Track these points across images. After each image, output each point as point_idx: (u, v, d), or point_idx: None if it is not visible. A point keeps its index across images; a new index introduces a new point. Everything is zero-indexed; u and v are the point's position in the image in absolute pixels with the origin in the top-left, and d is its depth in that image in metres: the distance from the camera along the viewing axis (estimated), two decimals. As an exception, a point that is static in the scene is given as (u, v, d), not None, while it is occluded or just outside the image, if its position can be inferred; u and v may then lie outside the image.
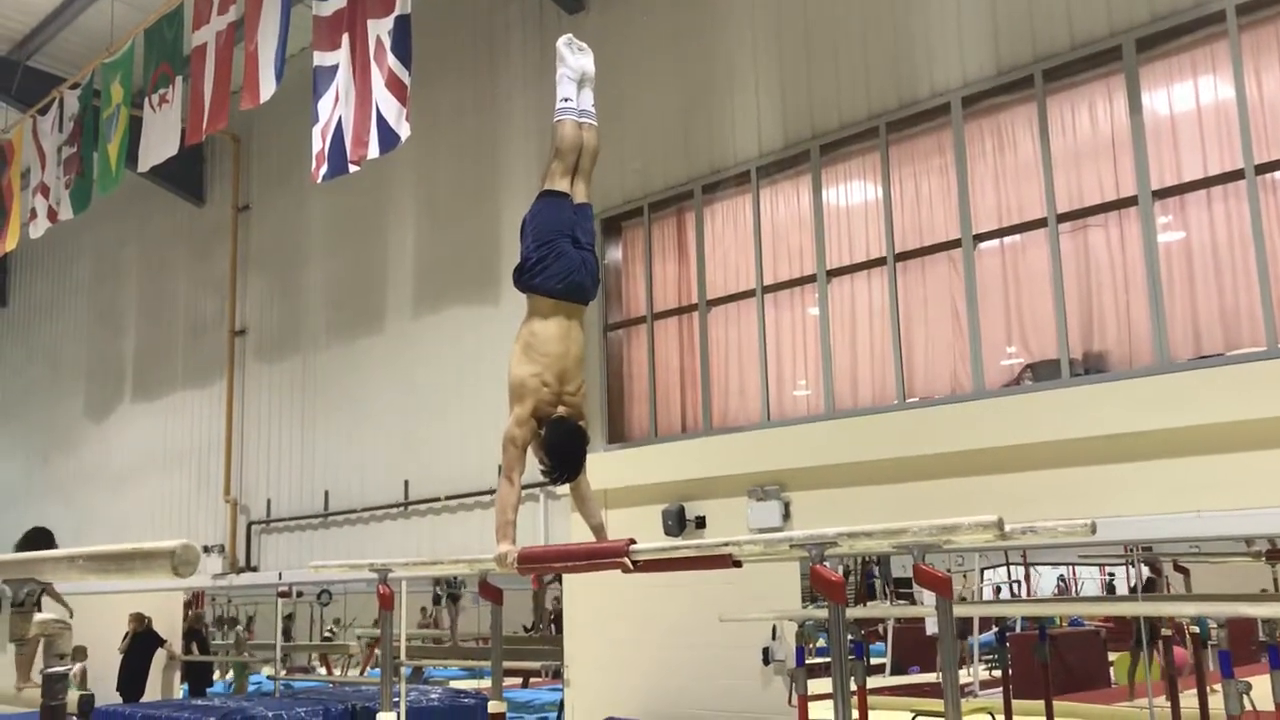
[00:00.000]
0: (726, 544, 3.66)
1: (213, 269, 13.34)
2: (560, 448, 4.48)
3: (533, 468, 4.79)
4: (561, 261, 4.70)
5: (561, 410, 4.57)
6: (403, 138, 8.02)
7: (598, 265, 4.94)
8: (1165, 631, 9.62)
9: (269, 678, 15.38)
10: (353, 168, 8.32)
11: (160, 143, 10.25)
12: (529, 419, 4.59)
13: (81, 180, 11.27)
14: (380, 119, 8.00)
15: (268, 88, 8.77)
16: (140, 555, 1.57)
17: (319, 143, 8.51)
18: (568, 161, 4.93)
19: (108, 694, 11.79)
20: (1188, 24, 6.40)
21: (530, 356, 4.63)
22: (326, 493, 11.35)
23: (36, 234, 12.05)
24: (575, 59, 5.23)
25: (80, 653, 10.53)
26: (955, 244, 7.23)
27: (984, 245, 7.17)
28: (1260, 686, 5.10)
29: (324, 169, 8.47)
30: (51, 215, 11.75)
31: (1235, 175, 6.17)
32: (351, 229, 11.64)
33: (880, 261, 7.60)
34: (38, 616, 1.60)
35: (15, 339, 17.37)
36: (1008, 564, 14.44)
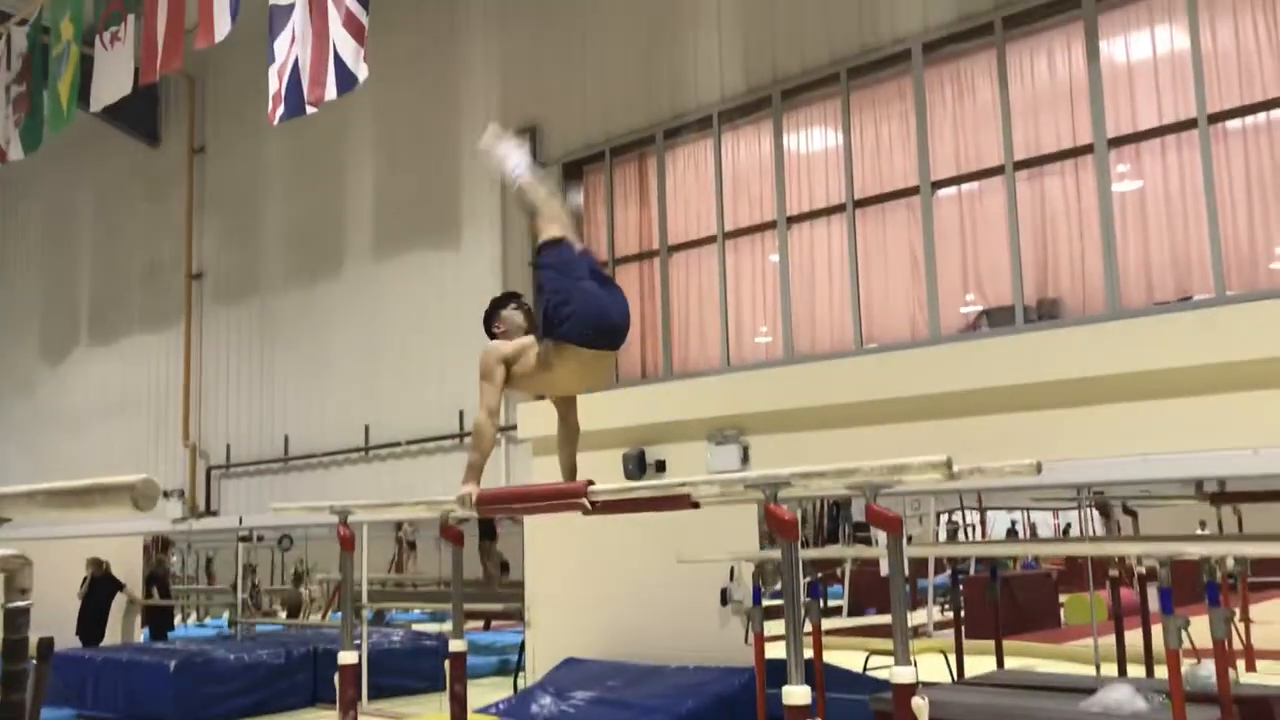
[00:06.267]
0: (684, 484, 3.72)
1: (169, 211, 13.15)
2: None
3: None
4: (591, 304, 4.29)
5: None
6: (361, 79, 7.93)
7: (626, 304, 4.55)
8: (1112, 573, 9.88)
9: (230, 622, 15.41)
10: (310, 109, 8.22)
11: (113, 82, 10.05)
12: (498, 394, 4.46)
13: (31, 119, 11.04)
14: (338, 59, 7.89)
15: (222, 26, 8.61)
16: (100, 490, 1.59)
17: (275, 83, 8.39)
18: (551, 209, 4.62)
19: (67, 638, 11.78)
20: (1146, -27, 6.44)
21: (535, 377, 4.42)
22: (286, 437, 11.32)
23: (-14, 174, 11.83)
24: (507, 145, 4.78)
25: None
26: (914, 191, 7.28)
27: (942, 193, 7.22)
28: (1201, 626, 5.27)
29: (281, 110, 8.36)
30: (1, 155, 11.52)
31: (1189, 124, 6.25)
32: (310, 171, 11.51)
33: (840, 208, 7.65)
34: (-3, 552, 1.61)
35: (-34, 281, 17.08)
36: (962, 508, 14.70)
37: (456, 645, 5.01)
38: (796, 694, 3.04)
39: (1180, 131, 6.31)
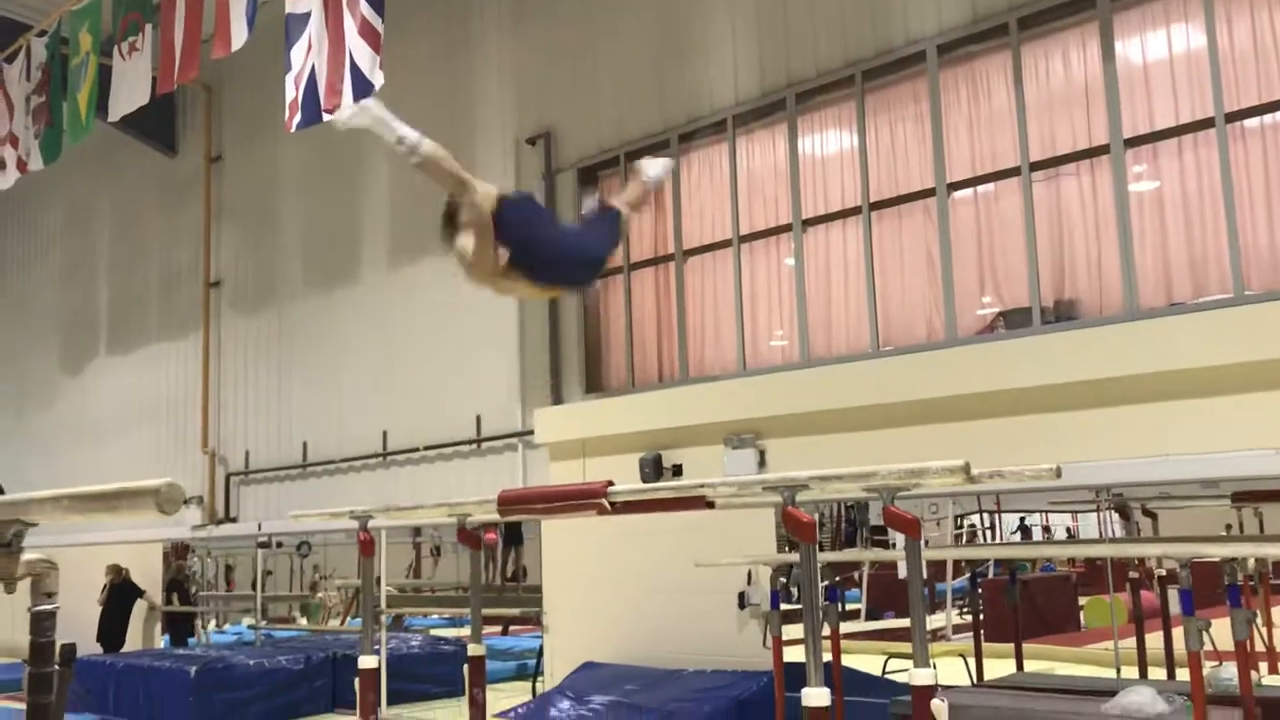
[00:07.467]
0: (701, 485, 3.73)
1: (186, 220, 13.24)
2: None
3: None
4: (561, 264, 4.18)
5: None
6: (376, 86, 7.95)
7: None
8: (1133, 575, 9.83)
9: (249, 627, 15.49)
10: (326, 116, 8.24)
11: (131, 92, 10.12)
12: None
13: (51, 130, 11.13)
14: (354, 67, 7.93)
15: (239, 36, 8.66)
16: (125, 494, 1.61)
17: (292, 91, 8.44)
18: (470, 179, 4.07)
19: (88, 645, 11.84)
20: (1162, -28, 6.43)
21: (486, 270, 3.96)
22: (305, 444, 11.37)
23: (5, 184, 11.92)
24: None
25: None
26: (930, 193, 7.27)
27: (958, 194, 7.21)
28: (1222, 628, 5.24)
29: (297, 118, 8.40)
30: (21, 166, 11.61)
31: (1206, 124, 6.22)
32: (326, 179, 11.57)
33: (855, 211, 7.64)
34: (24, 557, 1.62)
35: (-14, 291, 17.22)
36: (980, 511, 14.65)
37: (475, 649, 5.02)
38: (816, 696, 3.03)
39: (1197, 131, 6.28)
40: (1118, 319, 6.35)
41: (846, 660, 7.06)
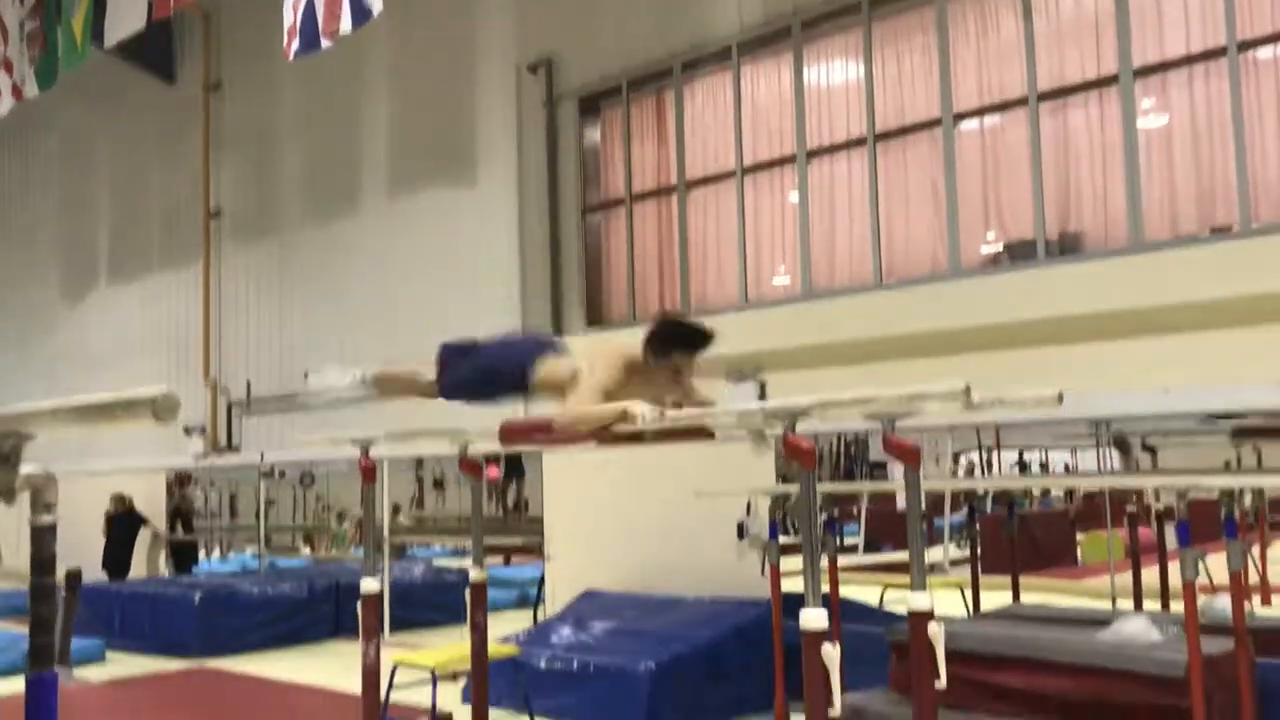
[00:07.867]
0: (703, 415, 3.73)
1: (185, 149, 13.11)
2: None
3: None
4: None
5: None
6: (375, 12, 7.85)
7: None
8: (1130, 509, 9.88)
9: (253, 556, 15.65)
10: (325, 43, 8.15)
11: (126, 17, 9.99)
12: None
13: (46, 56, 11.00)
14: (353, -9, 7.82)
15: (236, -41, 8.54)
16: (122, 404, 1.60)
17: (290, 17, 8.32)
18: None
19: (93, 574, 11.96)
20: (1177, -104, 6.29)
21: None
22: (306, 374, 11.36)
23: (1, 111, 11.80)
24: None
25: None
26: (936, 124, 7.18)
27: (964, 126, 7.13)
28: (1218, 565, 5.27)
29: (296, 44, 8.30)
30: (16, 92, 11.50)
31: (1217, 54, 6.13)
32: (326, 108, 11.44)
33: (860, 142, 7.56)
34: (23, 470, 1.62)
35: (-14, 221, 17.12)
36: (980, 448, 14.71)
37: (477, 575, 5.06)
38: (814, 617, 3.04)
39: (1208, 60, 6.19)
40: (1123, 251, 6.31)
41: (844, 591, 7.12)
